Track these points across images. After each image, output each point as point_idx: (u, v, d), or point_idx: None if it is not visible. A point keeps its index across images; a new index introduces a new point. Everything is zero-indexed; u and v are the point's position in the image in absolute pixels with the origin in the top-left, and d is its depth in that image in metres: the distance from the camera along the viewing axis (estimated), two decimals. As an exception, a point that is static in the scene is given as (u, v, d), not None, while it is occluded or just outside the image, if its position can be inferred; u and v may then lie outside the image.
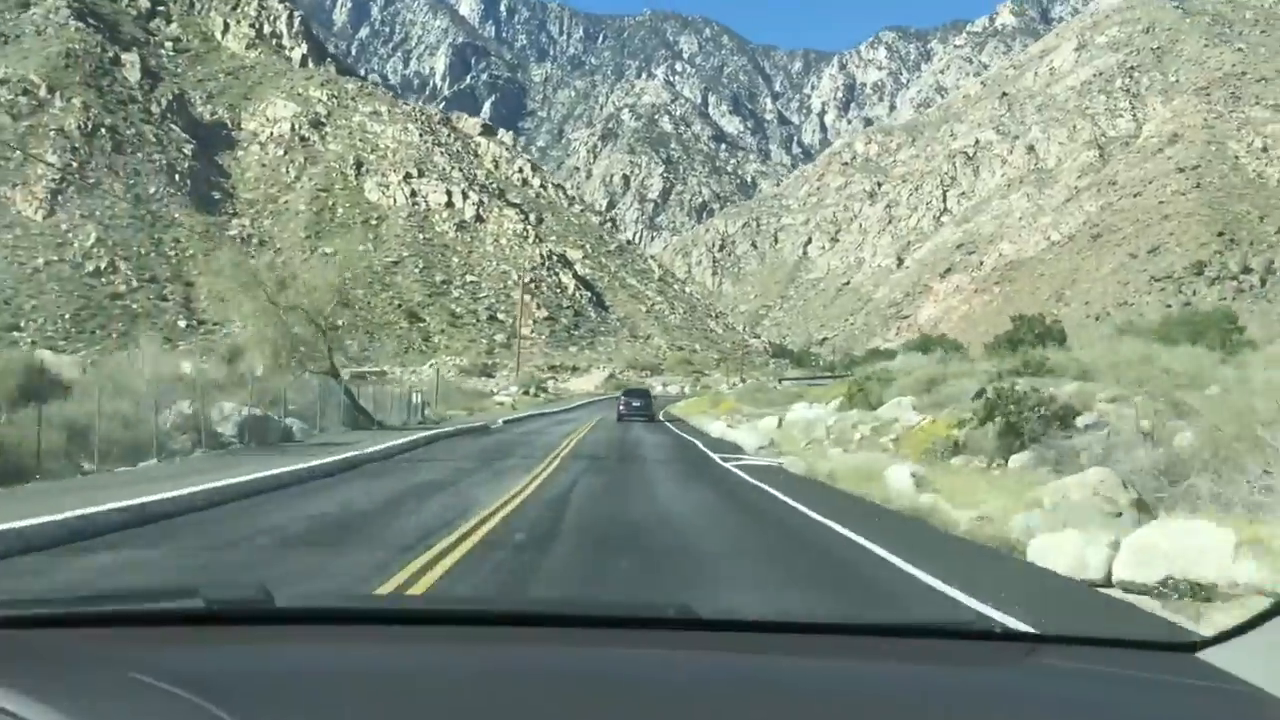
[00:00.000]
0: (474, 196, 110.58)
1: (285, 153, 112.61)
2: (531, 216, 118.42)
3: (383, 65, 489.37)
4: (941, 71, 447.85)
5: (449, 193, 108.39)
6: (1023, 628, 1.81)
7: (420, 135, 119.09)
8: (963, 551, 10.08)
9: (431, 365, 67.47)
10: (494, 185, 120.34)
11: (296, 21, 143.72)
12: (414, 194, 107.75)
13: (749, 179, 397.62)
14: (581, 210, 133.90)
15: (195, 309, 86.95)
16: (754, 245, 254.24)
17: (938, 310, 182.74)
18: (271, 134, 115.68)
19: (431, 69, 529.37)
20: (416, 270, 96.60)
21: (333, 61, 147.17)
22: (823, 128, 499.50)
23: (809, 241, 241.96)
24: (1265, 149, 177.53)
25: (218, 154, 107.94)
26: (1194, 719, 1.43)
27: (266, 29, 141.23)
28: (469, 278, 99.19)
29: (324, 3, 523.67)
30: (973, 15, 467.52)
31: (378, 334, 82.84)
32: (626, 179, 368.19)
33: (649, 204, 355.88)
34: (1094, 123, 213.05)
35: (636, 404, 46.38)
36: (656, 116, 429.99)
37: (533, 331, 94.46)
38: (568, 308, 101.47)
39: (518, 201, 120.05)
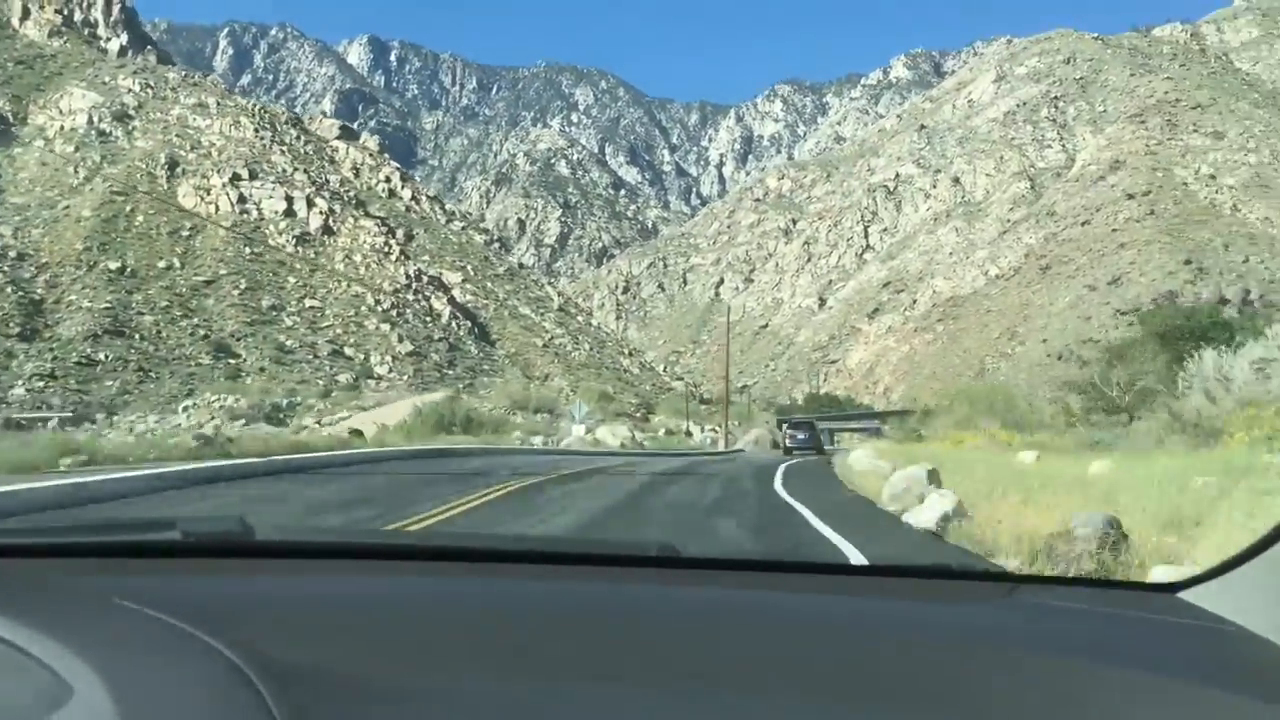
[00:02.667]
0: (323, 205, 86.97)
1: (76, 149, 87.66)
2: (399, 232, 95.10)
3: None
4: (839, 123, 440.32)
5: (289, 199, 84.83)
6: (1004, 568, 1.79)
7: (257, 131, 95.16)
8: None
9: (185, 410, 43.68)
10: (350, 194, 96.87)
11: (116, 9, 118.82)
12: (242, 199, 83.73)
13: (650, 224, 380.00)
14: (463, 228, 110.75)
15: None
16: (661, 287, 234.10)
17: (869, 353, 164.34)
18: (62, 128, 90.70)
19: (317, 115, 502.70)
20: (236, 292, 72.26)
21: (153, 51, 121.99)
22: (721, 179, 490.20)
23: (721, 282, 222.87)
24: (1214, 176, 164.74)
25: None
26: (1178, 654, 1.43)
27: (78, 16, 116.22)
28: (308, 302, 75.19)
29: (204, 50, 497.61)
30: (866, 69, 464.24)
31: (159, 370, 58.73)
32: (522, 223, 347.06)
33: (546, 249, 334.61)
34: (1022, 153, 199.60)
35: (802, 436, 45.51)
36: (553, 160, 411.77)
37: (391, 371, 70.90)
38: (440, 340, 78.13)
39: (381, 214, 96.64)
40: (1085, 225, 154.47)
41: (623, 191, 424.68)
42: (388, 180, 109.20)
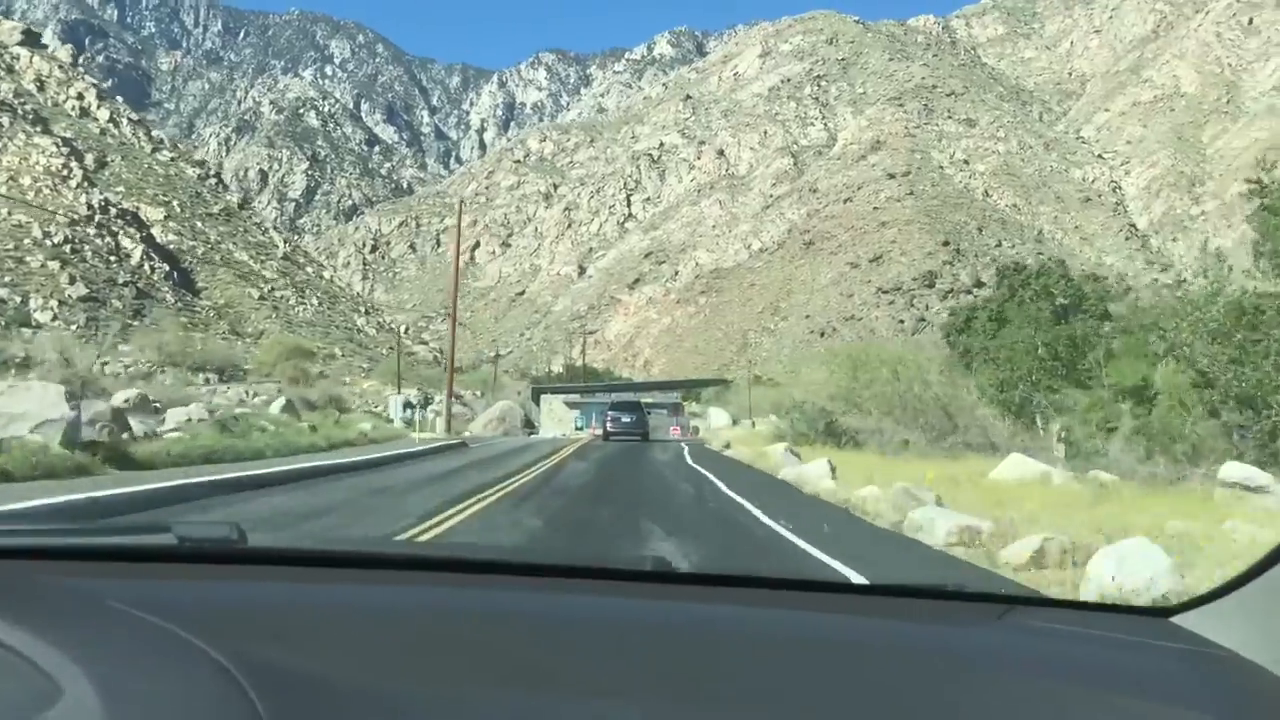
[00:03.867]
0: (-20, 114, 69.57)
1: None
2: (89, 157, 78.43)
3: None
4: (602, 95, 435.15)
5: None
6: (995, 590, 1.81)
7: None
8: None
9: None
10: (27, 109, 79.05)
11: None
12: None
13: (405, 184, 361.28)
14: (173, 158, 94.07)
15: None
16: (412, 248, 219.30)
17: (629, 324, 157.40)
18: None
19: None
20: None
21: None
22: (482, 145, 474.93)
23: (477, 245, 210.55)
24: (967, 161, 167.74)
25: None
26: (1171, 679, 1.44)
27: None
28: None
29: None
30: (631, 43, 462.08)
31: None
32: (264, 174, 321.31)
33: (290, 203, 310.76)
34: (786, 129, 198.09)
35: (627, 419, 38.78)
36: (302, 111, 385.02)
37: (56, 319, 56.14)
38: (125, 284, 63.32)
39: (68, 135, 79.45)
40: (848, 203, 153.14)
41: (377, 149, 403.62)
42: (80, 97, 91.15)
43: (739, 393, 71.37)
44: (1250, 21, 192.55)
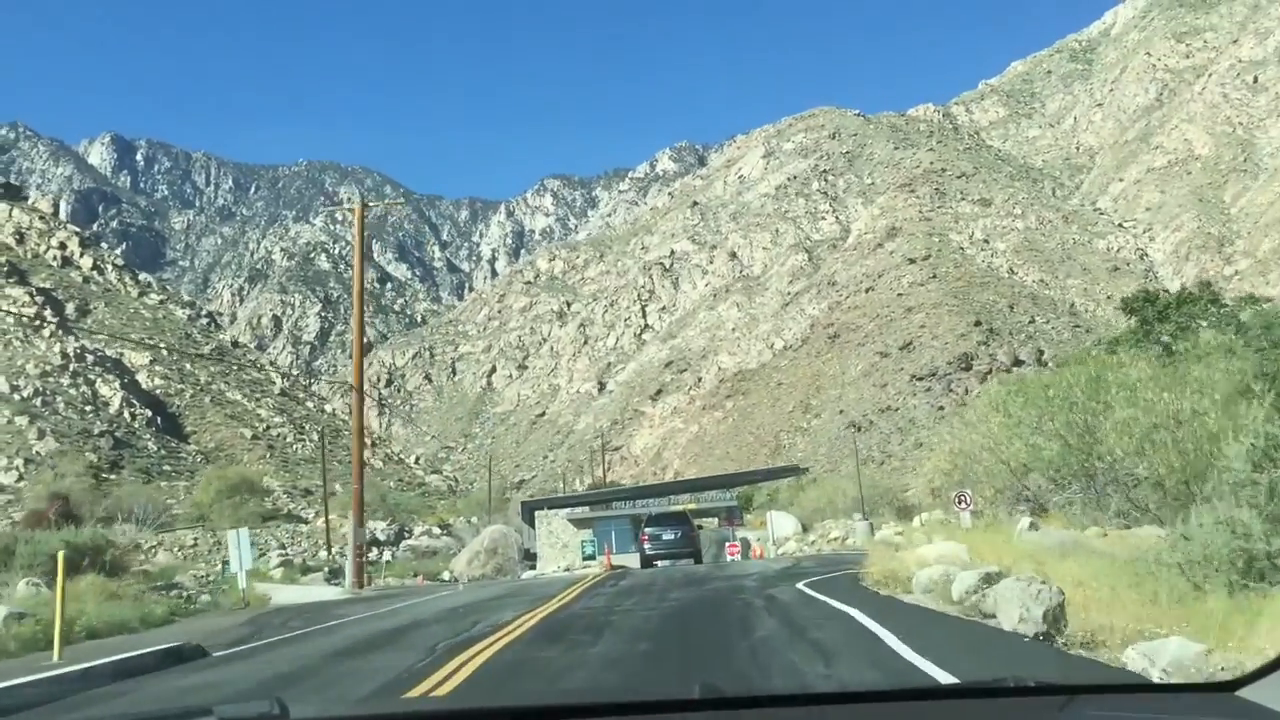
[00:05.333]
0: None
1: None
2: (70, 306, 74.17)
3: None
4: (609, 215, 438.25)
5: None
6: (1056, 681, 1.77)
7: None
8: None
9: None
10: (0, 261, 75.21)
11: None
12: None
13: (420, 318, 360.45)
14: (161, 301, 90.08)
15: None
16: (428, 379, 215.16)
17: (655, 436, 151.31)
18: None
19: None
20: None
21: None
22: (494, 274, 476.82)
23: (493, 371, 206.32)
24: (987, 240, 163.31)
25: None
26: None
27: None
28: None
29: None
30: (633, 163, 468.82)
31: None
32: (278, 319, 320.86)
33: (305, 346, 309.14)
34: (797, 226, 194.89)
35: (669, 535, 30.35)
36: (313, 255, 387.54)
37: (21, 479, 50.67)
38: (103, 434, 58.01)
39: (46, 286, 75.44)
40: (870, 291, 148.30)
41: (389, 286, 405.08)
42: (64, 247, 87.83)
43: (808, 487, 59.84)
44: (1255, 80, 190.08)
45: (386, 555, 27.04)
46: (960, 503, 23.63)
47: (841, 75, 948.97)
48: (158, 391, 69.97)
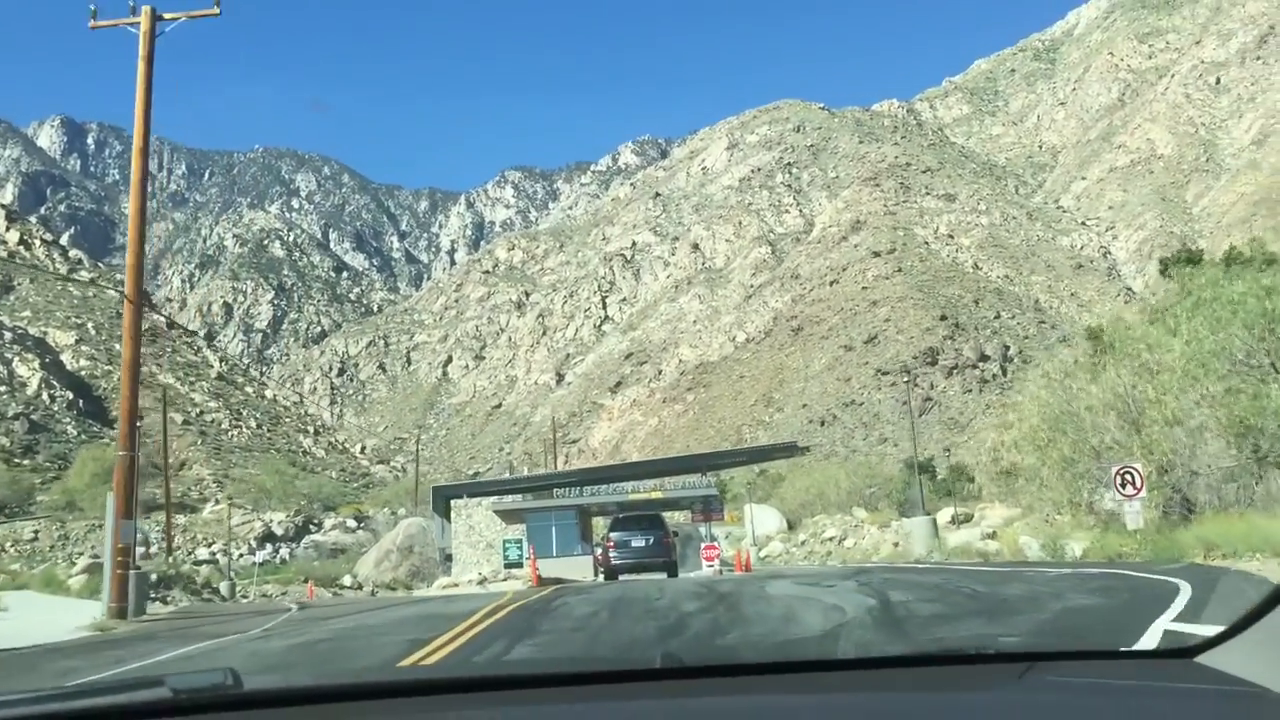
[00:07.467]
0: None
1: None
2: (-6, 283, 69.68)
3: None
4: (570, 208, 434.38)
5: None
6: (1016, 647, 1.72)
7: None
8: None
9: None
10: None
11: None
12: None
13: (376, 308, 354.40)
14: (92, 279, 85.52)
15: None
16: (382, 368, 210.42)
17: (614, 429, 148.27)
18: None
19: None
20: None
21: None
22: (453, 265, 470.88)
23: (449, 361, 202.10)
24: (952, 235, 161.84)
25: None
26: None
27: None
28: None
29: None
30: (595, 156, 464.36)
31: None
32: (229, 306, 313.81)
33: (257, 334, 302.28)
34: (760, 218, 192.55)
35: (640, 542, 24.65)
36: (266, 242, 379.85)
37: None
38: (17, 416, 53.80)
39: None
40: (834, 284, 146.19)
41: (345, 275, 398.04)
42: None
43: (791, 476, 50.76)
44: (1217, 81, 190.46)
45: (284, 553, 23.24)
46: (1127, 485, 17.40)
47: (806, 69, 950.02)
48: (83, 373, 65.79)
